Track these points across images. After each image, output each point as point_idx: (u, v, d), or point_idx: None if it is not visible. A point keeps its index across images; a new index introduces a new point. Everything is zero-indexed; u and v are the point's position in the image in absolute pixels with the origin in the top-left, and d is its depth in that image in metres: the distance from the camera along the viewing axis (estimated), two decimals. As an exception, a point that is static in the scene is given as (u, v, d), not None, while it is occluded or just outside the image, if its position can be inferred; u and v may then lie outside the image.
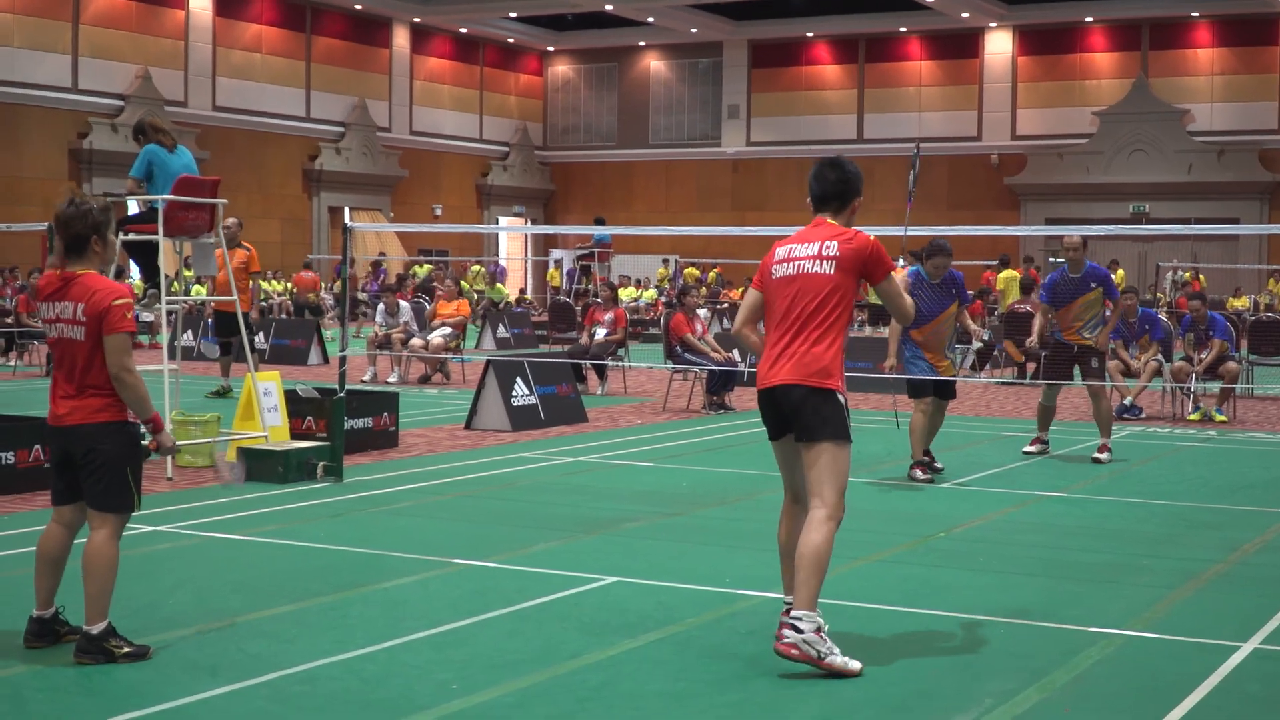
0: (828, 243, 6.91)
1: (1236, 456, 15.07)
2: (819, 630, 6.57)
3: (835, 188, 7.07)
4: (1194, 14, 48.90)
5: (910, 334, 12.85)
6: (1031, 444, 14.72)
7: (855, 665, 6.59)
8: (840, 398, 6.81)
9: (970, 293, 15.72)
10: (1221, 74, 49.32)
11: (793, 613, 6.61)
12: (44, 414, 7.06)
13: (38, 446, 11.39)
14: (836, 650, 6.58)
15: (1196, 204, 47.18)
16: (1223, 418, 18.23)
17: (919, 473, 12.79)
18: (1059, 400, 14.78)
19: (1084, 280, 13.91)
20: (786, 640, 6.56)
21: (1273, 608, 8.03)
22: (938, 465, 13.12)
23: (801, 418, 6.78)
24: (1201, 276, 41.25)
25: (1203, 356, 18.70)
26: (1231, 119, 48.88)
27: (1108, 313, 14.34)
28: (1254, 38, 48.83)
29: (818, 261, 6.89)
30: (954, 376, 13.32)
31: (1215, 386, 18.68)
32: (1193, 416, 18.48)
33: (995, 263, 36.61)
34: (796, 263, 6.95)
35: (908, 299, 7.31)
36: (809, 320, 6.85)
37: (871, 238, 6.96)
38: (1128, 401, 18.58)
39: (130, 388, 6.73)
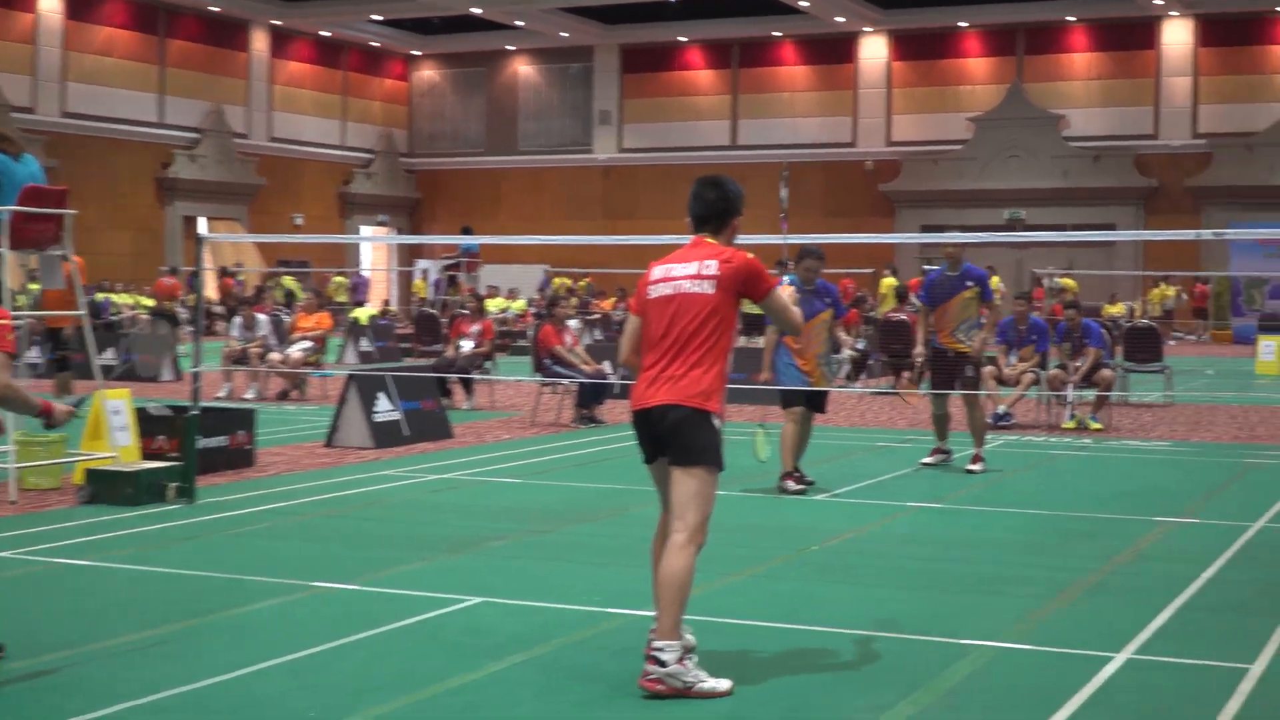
0: (706, 262, 6.90)
1: (1111, 465, 15.37)
2: (683, 658, 6.59)
3: (715, 207, 7.08)
4: (1069, 18, 49.77)
5: (784, 340, 12.97)
6: (931, 455, 14.84)
7: (724, 685, 6.63)
8: (717, 422, 6.82)
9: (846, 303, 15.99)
10: (1098, 79, 50.23)
11: (655, 643, 6.60)
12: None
13: None
14: (703, 675, 6.61)
15: (1072, 210, 47.95)
16: (1098, 426, 18.57)
17: (791, 484, 12.90)
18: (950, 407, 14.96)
19: (961, 279, 14.26)
20: (651, 677, 6.56)
21: (1145, 617, 8.19)
22: (808, 479, 13.22)
23: (678, 440, 6.76)
24: (1065, 280, 41.89)
25: (1078, 365, 19.03)
26: (1107, 124, 49.80)
27: (983, 319, 14.58)
28: (1129, 42, 49.79)
29: (697, 281, 6.86)
30: (827, 387, 13.41)
31: (1091, 394, 19.01)
32: (1068, 425, 18.81)
33: (862, 272, 37.04)
34: (674, 282, 6.92)
35: (795, 310, 7.41)
36: (688, 342, 6.82)
37: (750, 255, 6.99)
38: (1001, 410, 18.86)
39: (12, 400, 6.80)
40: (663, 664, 6.54)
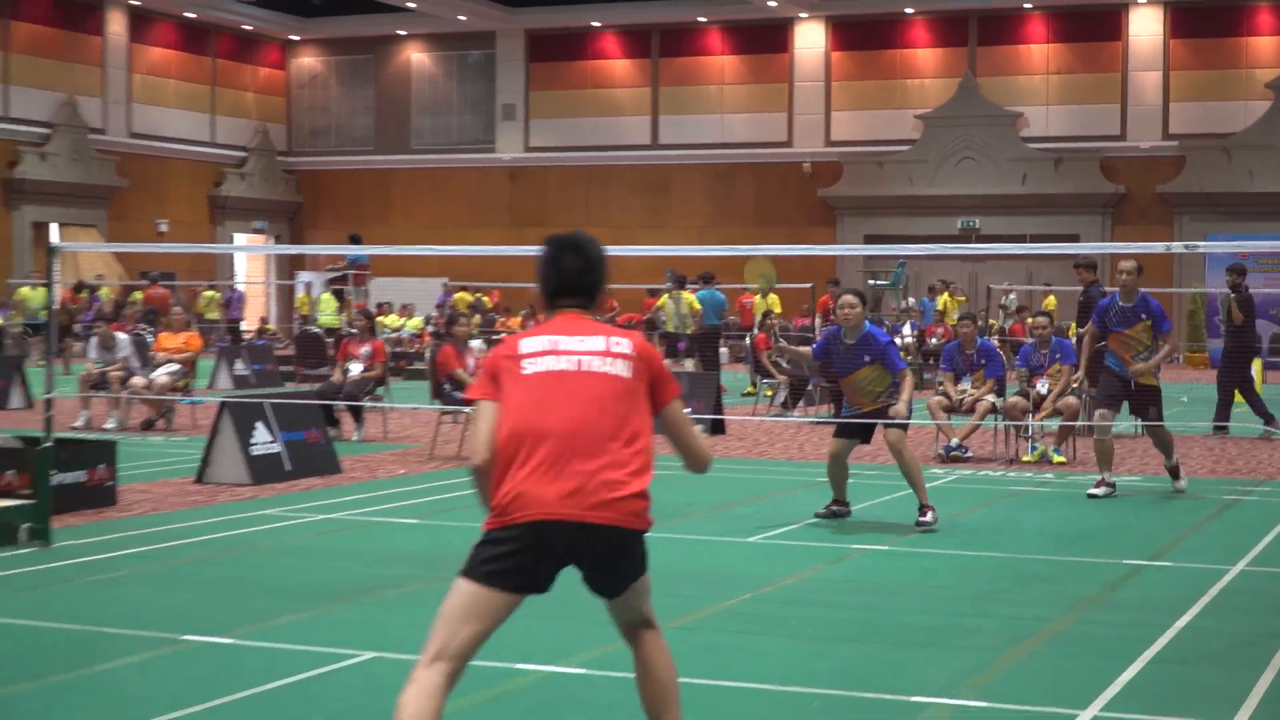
0: (615, 339, 6.04)
1: (1076, 502, 15.51)
2: None
3: (582, 280, 6.19)
4: (1027, 5, 50.23)
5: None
6: (1097, 486, 15.60)
7: None
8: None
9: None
10: (1058, 73, 50.63)
11: None
12: None
13: None
14: None
15: (1032, 218, 48.28)
16: (1061, 459, 18.75)
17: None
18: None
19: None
20: None
21: (1113, 671, 8.30)
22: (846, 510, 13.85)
23: (630, 565, 6.01)
24: (957, 296, 42.08)
25: (1040, 390, 19.20)
26: (1070, 124, 50.20)
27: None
28: (1094, 32, 50.21)
29: (607, 360, 5.97)
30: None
31: (1053, 424, 19.19)
32: (1028, 458, 18.99)
33: (800, 287, 37.08)
34: (570, 356, 5.96)
35: (700, 436, 6.31)
36: (615, 435, 5.88)
37: (652, 346, 6.25)
38: (954, 442, 19.02)
39: None
40: None
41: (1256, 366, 30.84)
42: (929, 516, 13.26)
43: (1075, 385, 18.23)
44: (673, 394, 6.11)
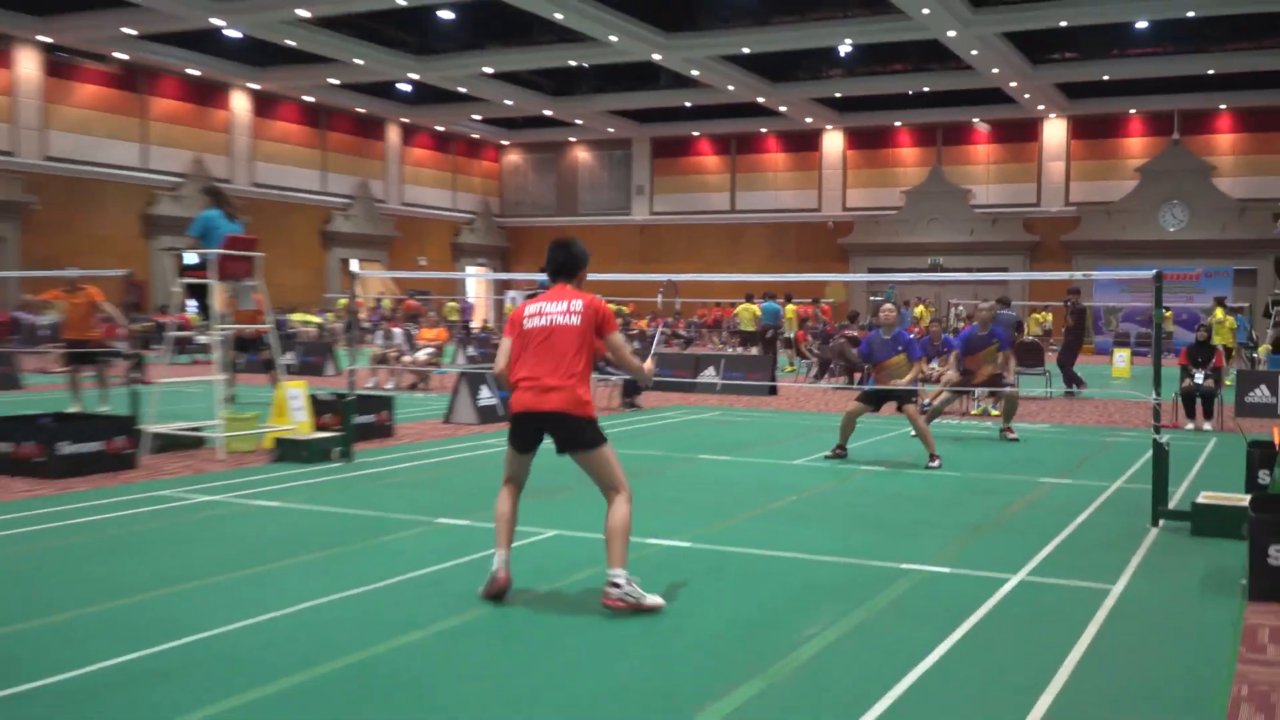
0: (573, 302, 6.57)
1: (1004, 441, 15.30)
2: (629, 580, 6.41)
3: (566, 266, 6.69)
4: (974, 120, 49.58)
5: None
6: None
7: (659, 600, 6.47)
8: (595, 420, 6.62)
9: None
10: (996, 163, 50.01)
11: (612, 571, 6.39)
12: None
13: None
14: (645, 594, 6.45)
15: (977, 258, 47.79)
16: (996, 413, 18.52)
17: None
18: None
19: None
20: (612, 596, 6.36)
21: (1034, 549, 8.21)
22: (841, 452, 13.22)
23: (576, 437, 6.52)
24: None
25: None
26: (1003, 195, 49.55)
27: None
28: (1019, 136, 49.54)
29: (567, 315, 6.54)
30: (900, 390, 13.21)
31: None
32: (974, 412, 18.78)
33: (827, 302, 36.71)
34: (548, 316, 6.57)
35: (631, 356, 6.80)
36: (565, 361, 6.49)
37: (601, 301, 6.66)
38: (926, 402, 18.80)
39: None
40: (619, 586, 6.36)
41: (1125, 355, 30.31)
42: (936, 463, 12.72)
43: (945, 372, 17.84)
44: (611, 328, 6.59)
